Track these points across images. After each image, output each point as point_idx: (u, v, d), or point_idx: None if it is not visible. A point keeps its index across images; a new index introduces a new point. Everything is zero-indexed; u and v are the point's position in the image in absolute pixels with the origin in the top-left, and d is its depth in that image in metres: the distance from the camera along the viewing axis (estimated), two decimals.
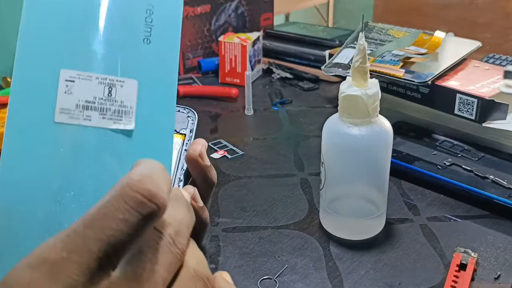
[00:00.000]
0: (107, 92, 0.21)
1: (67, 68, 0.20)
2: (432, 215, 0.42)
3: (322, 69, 0.56)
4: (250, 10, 0.86)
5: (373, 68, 0.52)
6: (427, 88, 0.52)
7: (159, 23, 0.22)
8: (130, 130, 0.21)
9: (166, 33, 0.22)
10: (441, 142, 0.50)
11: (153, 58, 0.21)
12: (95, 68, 0.20)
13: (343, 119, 0.36)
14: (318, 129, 0.59)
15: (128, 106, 0.21)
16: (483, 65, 0.56)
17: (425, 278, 0.34)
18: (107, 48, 0.21)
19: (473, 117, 0.48)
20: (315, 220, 0.41)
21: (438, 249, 0.37)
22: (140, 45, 0.21)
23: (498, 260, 0.36)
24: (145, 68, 0.21)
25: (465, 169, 0.45)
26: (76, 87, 0.20)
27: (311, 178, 0.48)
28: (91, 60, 0.20)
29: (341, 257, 0.37)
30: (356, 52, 0.34)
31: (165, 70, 0.22)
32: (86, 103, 0.20)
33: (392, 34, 0.62)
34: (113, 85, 0.21)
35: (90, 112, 0.20)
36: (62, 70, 0.20)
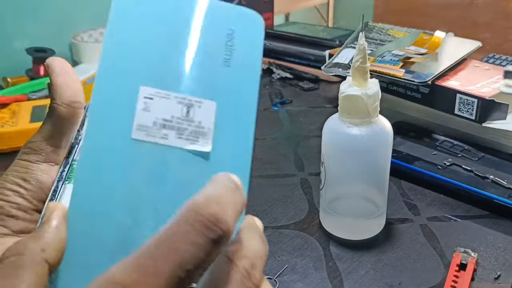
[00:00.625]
0: (185, 112, 0.20)
1: (146, 85, 0.20)
2: (432, 215, 0.42)
3: (322, 69, 0.56)
4: None
5: (373, 68, 0.52)
6: (427, 88, 0.52)
7: (240, 47, 0.22)
8: (207, 152, 0.20)
9: (247, 58, 0.22)
10: (441, 142, 0.50)
11: (233, 81, 0.21)
12: (175, 88, 0.20)
13: (343, 119, 0.36)
14: (318, 129, 0.59)
15: (206, 128, 0.20)
16: (483, 65, 0.56)
17: (425, 278, 0.34)
18: (187, 68, 0.21)
19: (473, 117, 0.48)
20: (315, 220, 0.41)
21: (438, 249, 0.37)
22: (220, 68, 0.21)
23: (498, 260, 0.36)
24: (224, 91, 0.21)
25: (465, 169, 0.45)
26: (154, 105, 0.20)
27: (311, 178, 0.48)
28: (171, 79, 0.20)
29: (341, 257, 0.37)
30: (356, 52, 0.34)
31: (245, 94, 0.22)
32: (163, 121, 0.20)
33: (392, 34, 0.62)
34: (191, 105, 0.20)
35: (167, 131, 0.20)
36: (142, 87, 0.20)
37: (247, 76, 0.22)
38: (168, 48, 0.21)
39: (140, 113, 0.20)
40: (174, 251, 0.15)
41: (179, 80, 0.20)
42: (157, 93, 0.20)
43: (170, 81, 0.20)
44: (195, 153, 0.20)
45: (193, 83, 0.21)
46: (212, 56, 0.21)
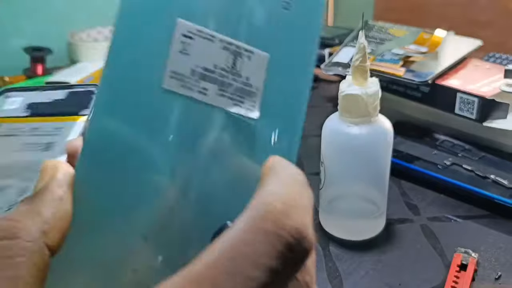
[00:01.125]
0: (231, 62, 0.16)
1: (186, 19, 0.15)
2: (432, 215, 0.41)
3: (321, 68, 0.56)
4: None
5: (373, 67, 0.51)
6: (427, 87, 0.52)
7: None
8: (252, 119, 0.16)
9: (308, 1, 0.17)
10: (441, 142, 0.50)
11: (291, 29, 0.17)
12: (221, 28, 0.15)
13: (343, 119, 0.35)
14: (317, 129, 0.59)
15: (254, 87, 0.16)
16: (483, 64, 0.56)
17: (425, 278, 0.34)
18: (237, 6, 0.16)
19: (474, 116, 0.48)
20: (314, 220, 0.41)
21: (438, 249, 0.37)
22: (278, 10, 0.16)
23: (499, 260, 0.36)
24: (280, 40, 0.16)
25: (465, 169, 0.45)
26: (194, 47, 0.15)
27: (310, 178, 0.48)
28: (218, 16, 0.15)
29: (341, 257, 0.36)
30: (356, 51, 0.34)
31: (303, 47, 0.17)
32: (204, 71, 0.15)
33: (392, 33, 0.62)
34: (240, 55, 0.16)
35: (208, 84, 0.15)
36: (180, 21, 0.15)
37: (308, 24, 0.17)
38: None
39: (175, 56, 0.15)
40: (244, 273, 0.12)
41: (227, 20, 0.16)
42: (199, 32, 0.15)
43: (215, 19, 0.15)
44: (238, 117, 0.16)
45: (245, 26, 0.16)
46: None
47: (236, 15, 0.16)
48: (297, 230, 0.12)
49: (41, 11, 0.83)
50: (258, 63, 0.16)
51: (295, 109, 0.17)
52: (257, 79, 0.16)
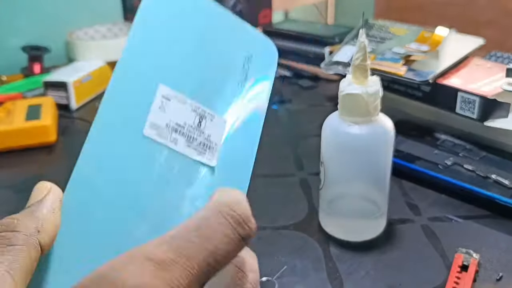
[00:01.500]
0: (197, 121, 0.20)
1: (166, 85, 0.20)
2: (433, 215, 0.41)
3: (321, 67, 0.56)
4: (248, 7, 0.85)
5: (374, 66, 0.51)
6: (428, 86, 0.51)
7: (254, 72, 0.23)
8: (211, 166, 0.21)
9: (259, 83, 0.23)
10: (442, 141, 0.49)
11: (244, 102, 0.22)
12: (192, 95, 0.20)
13: (343, 118, 0.35)
14: (317, 128, 0.58)
15: (214, 142, 0.21)
16: (485, 63, 0.55)
17: (426, 279, 0.34)
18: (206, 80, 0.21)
19: (475, 116, 0.48)
20: (314, 220, 0.41)
21: (439, 250, 0.37)
22: (235, 87, 0.22)
23: (500, 261, 0.35)
24: (236, 110, 0.22)
25: (466, 169, 0.44)
26: (170, 106, 0.20)
27: (310, 178, 0.47)
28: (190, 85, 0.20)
29: (341, 258, 0.36)
30: (356, 49, 0.33)
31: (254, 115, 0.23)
32: (176, 125, 0.20)
33: (393, 32, 0.61)
34: (204, 117, 0.21)
35: (178, 136, 0.20)
36: (161, 85, 0.20)
37: (257, 100, 0.23)
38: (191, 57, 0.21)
39: (155, 111, 0.19)
40: (209, 238, 0.16)
41: (197, 89, 0.20)
42: (175, 96, 0.20)
43: (188, 87, 0.20)
44: (200, 165, 0.20)
45: (210, 95, 0.21)
46: (229, 74, 0.22)
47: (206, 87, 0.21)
48: (246, 215, 0.17)
49: (38, 10, 0.82)
50: (218, 125, 0.21)
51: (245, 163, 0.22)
52: (217, 136, 0.21)
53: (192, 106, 0.20)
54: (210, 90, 0.21)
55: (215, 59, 0.22)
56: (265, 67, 0.24)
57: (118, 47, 0.74)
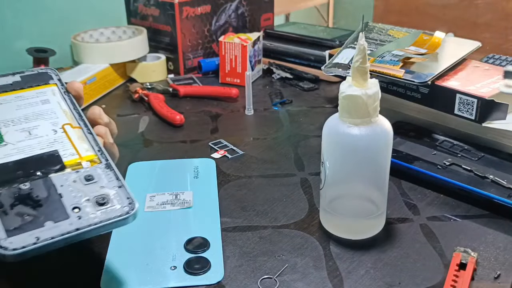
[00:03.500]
0: (175, 197, 0.44)
1: (151, 192, 0.45)
2: (432, 214, 0.42)
3: (322, 69, 0.57)
4: (250, 10, 0.86)
5: (373, 68, 0.52)
6: (427, 88, 0.52)
7: (201, 171, 0.49)
8: (190, 207, 0.43)
9: (207, 175, 0.48)
10: (441, 142, 0.50)
11: (200, 184, 0.46)
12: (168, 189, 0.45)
13: (343, 119, 0.36)
14: (318, 129, 0.59)
15: (188, 200, 0.43)
16: (483, 65, 0.56)
17: (425, 277, 0.34)
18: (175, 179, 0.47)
19: (473, 117, 0.48)
20: (315, 219, 0.41)
21: (438, 249, 0.37)
22: (192, 179, 0.47)
23: (498, 259, 0.36)
24: (197, 187, 0.46)
25: (465, 169, 0.45)
26: (155, 198, 0.44)
27: (311, 178, 0.48)
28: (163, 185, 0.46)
29: (341, 256, 0.37)
30: (356, 52, 0.34)
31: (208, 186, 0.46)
32: (162, 203, 0.43)
33: (392, 34, 0.62)
34: (178, 194, 0.44)
35: (165, 205, 0.43)
36: (148, 194, 0.45)
37: (207, 181, 0.47)
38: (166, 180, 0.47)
39: (148, 201, 0.43)
40: None
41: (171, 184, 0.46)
42: (157, 194, 0.44)
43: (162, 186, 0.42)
44: (183, 209, 0.42)
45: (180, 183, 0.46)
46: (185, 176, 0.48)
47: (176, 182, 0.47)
48: None
49: (44, 13, 0.83)
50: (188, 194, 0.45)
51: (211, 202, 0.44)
52: (189, 198, 0.44)
53: (170, 194, 0.44)
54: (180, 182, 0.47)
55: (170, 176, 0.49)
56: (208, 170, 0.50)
57: (122, 50, 0.75)
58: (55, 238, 0.26)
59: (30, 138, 0.33)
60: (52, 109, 0.36)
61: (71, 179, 0.30)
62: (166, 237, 0.38)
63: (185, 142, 0.57)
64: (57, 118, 0.35)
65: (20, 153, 0.31)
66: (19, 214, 0.27)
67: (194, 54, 0.80)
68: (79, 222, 0.27)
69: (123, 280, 0.33)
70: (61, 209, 0.28)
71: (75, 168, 0.31)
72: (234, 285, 0.34)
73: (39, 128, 0.34)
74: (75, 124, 0.35)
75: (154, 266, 0.35)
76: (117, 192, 0.29)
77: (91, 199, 0.29)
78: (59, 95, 0.37)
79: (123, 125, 0.62)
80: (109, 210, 0.28)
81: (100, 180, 0.30)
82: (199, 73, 0.79)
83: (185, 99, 0.70)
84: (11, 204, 0.28)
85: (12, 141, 0.32)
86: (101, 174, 0.31)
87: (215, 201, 0.43)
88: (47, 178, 0.30)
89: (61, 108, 0.36)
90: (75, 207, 0.28)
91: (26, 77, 0.38)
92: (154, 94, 0.68)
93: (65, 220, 0.27)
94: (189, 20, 0.77)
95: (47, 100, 0.37)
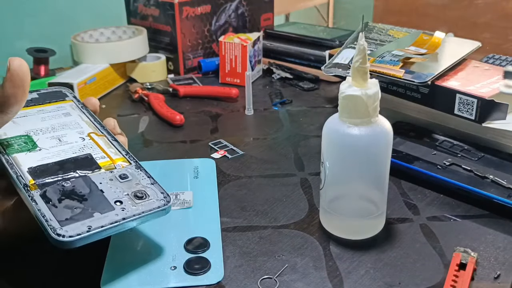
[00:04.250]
0: (175, 197, 0.43)
1: None
2: (432, 214, 0.42)
3: (322, 69, 0.57)
4: (250, 10, 0.86)
5: (373, 68, 0.52)
6: (427, 88, 0.52)
7: (201, 171, 0.48)
8: (190, 207, 0.42)
9: (207, 175, 0.48)
10: (441, 142, 0.50)
11: (200, 184, 0.46)
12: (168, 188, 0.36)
13: (343, 119, 0.36)
14: (318, 129, 0.59)
15: (188, 200, 0.43)
16: (483, 65, 0.56)
17: (425, 277, 0.34)
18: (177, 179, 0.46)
19: (473, 117, 0.48)
20: (315, 219, 0.41)
21: (438, 249, 0.37)
22: (192, 179, 0.47)
23: (498, 259, 0.36)
24: (197, 186, 0.46)
25: (464, 169, 0.45)
26: None
27: (311, 178, 0.48)
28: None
29: (341, 256, 0.37)
30: (356, 52, 0.34)
31: (208, 186, 0.46)
32: None
33: (392, 35, 0.62)
34: (178, 194, 0.44)
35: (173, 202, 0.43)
36: None
37: (207, 181, 0.47)
38: None
39: None
40: None
41: (174, 182, 0.46)
42: None
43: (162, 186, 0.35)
44: (184, 209, 0.42)
45: (180, 185, 0.45)
46: (185, 176, 0.48)
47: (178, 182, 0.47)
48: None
49: (44, 13, 0.83)
50: (188, 194, 0.44)
51: (211, 202, 0.44)
52: (189, 198, 0.44)
53: (172, 194, 0.44)
54: (181, 182, 0.46)
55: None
56: (208, 169, 0.50)
57: (122, 50, 0.75)
58: (105, 227, 0.28)
59: (61, 144, 0.35)
60: (75, 121, 0.38)
61: (108, 178, 0.32)
62: (166, 237, 0.38)
63: (185, 142, 0.57)
64: (81, 128, 0.38)
65: (56, 156, 0.34)
66: (68, 207, 0.29)
67: (194, 54, 0.80)
68: (124, 213, 0.29)
69: (123, 280, 0.33)
70: (105, 202, 0.30)
71: (108, 169, 0.33)
72: (234, 285, 0.34)
73: (67, 136, 0.36)
74: (99, 133, 0.37)
75: (154, 266, 0.35)
76: (151, 188, 0.32)
77: (130, 194, 0.31)
78: (77, 109, 0.40)
79: (123, 125, 0.61)
80: (148, 202, 0.31)
81: (134, 178, 0.33)
82: (199, 73, 0.79)
83: (185, 99, 0.70)
84: (58, 198, 0.30)
85: (46, 147, 0.34)
86: (133, 173, 0.33)
87: (215, 201, 0.43)
88: (86, 176, 0.32)
89: (83, 120, 0.39)
90: (117, 201, 0.30)
91: (43, 94, 0.41)
92: (154, 94, 0.68)
93: (111, 211, 0.29)
94: (189, 20, 0.77)
95: (68, 113, 0.39)
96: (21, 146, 0.34)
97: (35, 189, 0.30)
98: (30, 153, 0.34)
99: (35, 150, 0.34)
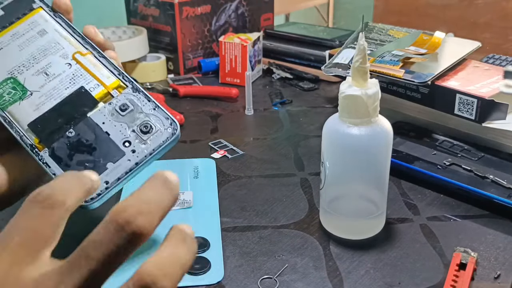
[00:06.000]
0: None
1: None
2: (432, 214, 0.42)
3: (322, 69, 0.57)
4: (250, 10, 0.86)
5: (373, 68, 0.52)
6: (427, 88, 0.52)
7: (201, 171, 0.49)
8: (190, 207, 0.43)
9: (207, 175, 0.48)
10: (441, 142, 0.50)
11: (200, 183, 0.47)
12: None
13: (343, 119, 0.36)
14: (318, 129, 0.59)
15: (188, 200, 0.44)
16: (483, 65, 0.56)
17: (425, 277, 0.34)
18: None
19: (473, 117, 0.48)
20: (315, 219, 0.41)
21: (438, 249, 0.37)
22: (192, 179, 0.47)
23: (498, 259, 0.36)
24: (197, 185, 0.46)
25: (465, 169, 0.45)
26: None
27: (311, 178, 0.48)
28: None
29: (341, 256, 0.37)
30: (356, 52, 0.34)
31: (208, 188, 0.46)
32: None
33: (392, 35, 0.62)
34: (180, 194, 0.40)
35: None
36: None
37: (207, 181, 0.47)
38: None
39: None
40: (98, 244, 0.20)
41: None
42: None
43: None
44: (184, 209, 0.43)
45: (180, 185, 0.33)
46: (186, 174, 0.48)
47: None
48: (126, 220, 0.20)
49: None
50: (188, 194, 0.45)
51: (211, 201, 0.44)
52: (189, 198, 0.44)
53: None
54: (181, 183, 0.43)
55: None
56: (208, 169, 0.50)
57: (122, 50, 0.75)
58: (121, 178, 0.28)
59: (50, 80, 0.32)
60: (53, 40, 0.34)
61: (109, 113, 0.30)
62: None
63: (185, 142, 0.57)
64: (63, 48, 0.34)
65: (50, 98, 0.31)
66: (80, 163, 0.28)
67: (194, 54, 0.80)
68: (136, 156, 0.29)
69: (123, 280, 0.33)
70: (114, 147, 0.29)
71: (106, 100, 0.31)
72: (234, 285, 0.34)
73: (53, 66, 0.33)
74: (84, 51, 0.33)
75: None
76: (155, 114, 0.30)
77: (136, 129, 0.29)
78: (50, 19, 0.35)
79: None
80: (156, 136, 0.29)
81: (135, 107, 0.30)
82: (199, 73, 0.79)
83: (185, 99, 0.70)
84: (68, 154, 0.29)
85: (35, 88, 0.32)
86: (133, 99, 0.31)
87: (215, 201, 0.43)
88: (87, 118, 0.30)
89: (62, 35, 0.34)
90: (125, 141, 0.29)
91: (7, 8, 0.36)
92: (154, 94, 0.68)
93: (122, 157, 0.29)
94: (189, 20, 0.77)
95: (44, 30, 0.35)
96: (10, 94, 0.31)
97: (43, 149, 0.29)
98: (23, 102, 0.31)
99: (26, 96, 0.31)
